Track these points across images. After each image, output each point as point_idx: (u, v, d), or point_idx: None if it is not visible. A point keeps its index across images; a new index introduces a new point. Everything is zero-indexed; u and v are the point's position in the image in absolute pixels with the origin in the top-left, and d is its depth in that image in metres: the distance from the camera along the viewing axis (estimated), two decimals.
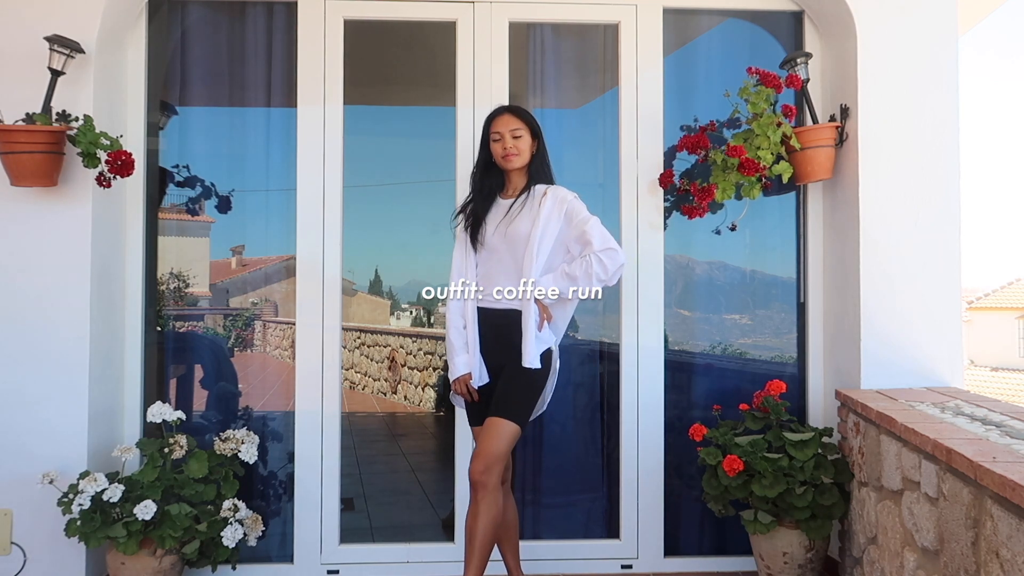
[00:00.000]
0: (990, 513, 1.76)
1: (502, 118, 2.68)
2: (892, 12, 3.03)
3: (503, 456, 2.51)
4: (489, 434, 2.52)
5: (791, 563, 2.85)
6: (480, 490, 2.48)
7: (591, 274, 2.53)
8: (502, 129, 2.66)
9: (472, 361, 2.65)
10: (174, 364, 3.39)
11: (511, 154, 2.65)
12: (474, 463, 2.50)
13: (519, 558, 2.80)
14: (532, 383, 2.60)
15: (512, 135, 2.65)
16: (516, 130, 2.65)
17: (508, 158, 2.66)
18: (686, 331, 3.48)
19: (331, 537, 3.19)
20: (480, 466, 2.48)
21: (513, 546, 2.79)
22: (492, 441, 2.50)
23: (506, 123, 2.66)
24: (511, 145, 2.64)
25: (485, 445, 2.51)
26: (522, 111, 2.71)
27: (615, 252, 2.55)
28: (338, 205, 3.22)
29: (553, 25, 3.39)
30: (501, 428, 2.51)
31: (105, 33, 2.99)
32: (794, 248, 3.39)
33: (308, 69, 3.21)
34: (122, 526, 2.68)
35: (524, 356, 2.56)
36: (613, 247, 2.55)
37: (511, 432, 2.52)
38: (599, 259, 2.53)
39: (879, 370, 2.96)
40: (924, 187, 3.00)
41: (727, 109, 3.06)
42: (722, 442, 2.93)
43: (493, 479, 2.48)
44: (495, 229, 2.66)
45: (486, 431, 2.54)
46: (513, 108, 2.74)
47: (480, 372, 2.66)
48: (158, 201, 3.30)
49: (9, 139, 2.69)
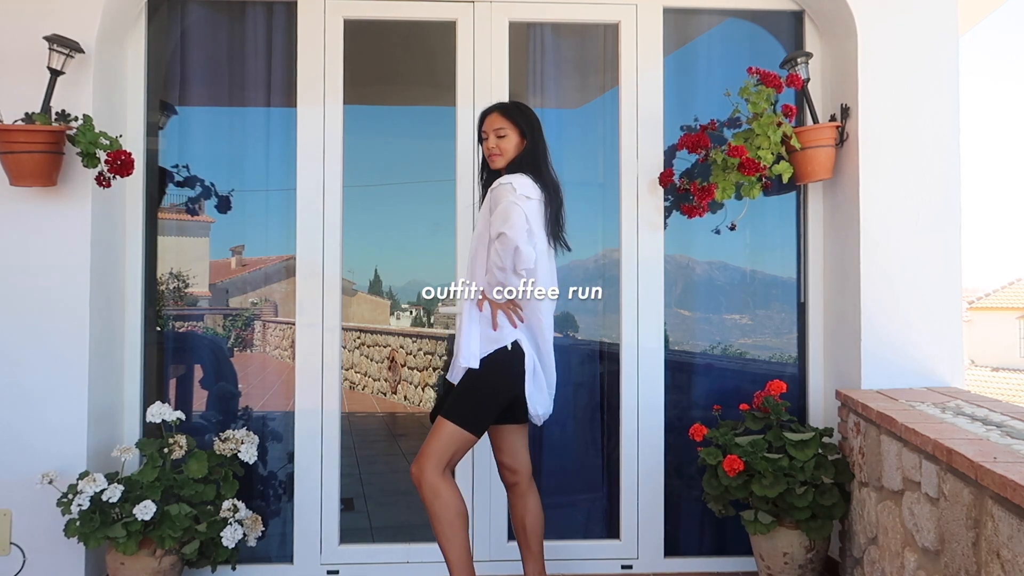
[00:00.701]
0: (991, 513, 1.76)
1: (489, 117, 2.67)
2: (892, 12, 3.02)
3: (430, 453, 2.49)
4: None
5: (791, 563, 2.85)
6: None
7: (491, 267, 2.49)
8: (487, 128, 2.66)
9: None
10: (174, 364, 3.39)
11: (493, 154, 2.65)
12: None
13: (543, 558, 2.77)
14: (471, 383, 2.55)
15: (496, 134, 2.63)
16: (500, 129, 2.63)
17: (491, 158, 2.66)
18: (686, 331, 3.47)
19: (331, 537, 3.19)
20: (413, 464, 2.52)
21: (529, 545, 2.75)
22: (428, 439, 2.52)
23: (491, 123, 2.66)
24: (494, 145, 2.64)
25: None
26: (511, 109, 2.69)
27: (504, 236, 2.41)
28: (338, 205, 3.22)
29: (553, 25, 3.38)
30: (437, 426, 2.53)
31: (105, 33, 2.98)
32: (794, 248, 3.39)
33: (308, 69, 3.21)
34: (121, 526, 2.68)
35: (458, 354, 2.55)
36: (504, 231, 2.41)
37: (446, 431, 2.50)
38: (495, 248, 2.47)
39: (879, 370, 2.96)
40: (924, 187, 3.00)
41: (727, 109, 3.06)
42: (722, 442, 2.93)
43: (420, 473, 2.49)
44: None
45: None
46: (502, 106, 2.72)
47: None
48: (158, 201, 3.30)
49: (8, 139, 2.69)
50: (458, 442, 2.51)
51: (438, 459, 2.49)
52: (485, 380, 2.54)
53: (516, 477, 2.71)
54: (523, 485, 2.71)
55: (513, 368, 2.56)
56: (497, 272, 2.47)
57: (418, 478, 2.49)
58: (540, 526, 2.72)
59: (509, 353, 2.56)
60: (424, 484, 2.48)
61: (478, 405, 2.54)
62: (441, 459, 2.49)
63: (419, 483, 2.49)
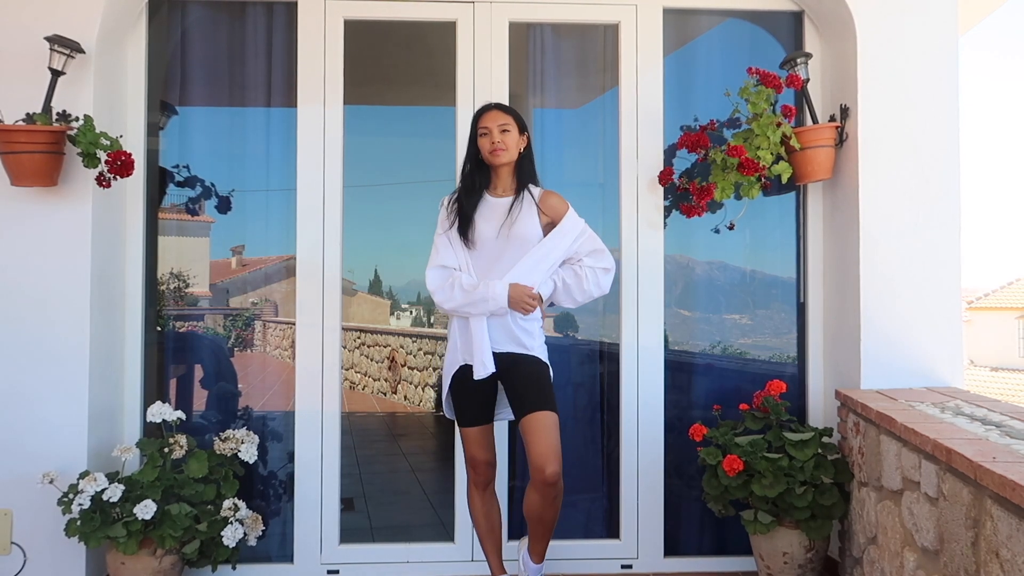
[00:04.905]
0: (990, 513, 1.76)
1: (490, 113, 2.65)
2: (892, 12, 3.03)
3: (558, 449, 2.54)
4: (541, 431, 2.52)
5: (791, 563, 2.85)
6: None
7: (585, 288, 2.65)
8: (490, 124, 2.62)
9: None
10: (174, 364, 3.39)
11: (499, 149, 2.61)
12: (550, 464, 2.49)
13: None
14: (544, 374, 2.64)
15: (500, 129, 2.61)
16: (504, 124, 2.62)
17: (496, 153, 2.61)
18: (686, 331, 3.48)
19: (331, 537, 3.20)
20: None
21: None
22: (548, 437, 2.53)
23: (494, 118, 2.63)
24: (498, 140, 2.60)
25: (546, 443, 2.51)
26: (508, 108, 2.70)
27: (609, 273, 2.69)
28: (338, 205, 3.22)
29: (553, 25, 3.39)
30: (547, 421, 2.53)
31: (105, 33, 2.99)
32: (794, 248, 3.39)
33: (308, 69, 3.21)
34: (122, 526, 2.68)
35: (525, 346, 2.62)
36: (609, 268, 2.69)
37: (554, 421, 2.55)
38: (595, 274, 2.67)
39: (879, 370, 2.96)
40: (924, 187, 3.00)
41: (727, 109, 3.06)
42: (722, 442, 2.93)
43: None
44: (497, 230, 2.62)
45: (536, 429, 2.52)
46: (500, 104, 2.72)
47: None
48: (158, 201, 3.30)
49: (9, 139, 2.69)
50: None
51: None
52: (547, 372, 2.64)
53: (493, 472, 2.77)
54: (493, 482, 2.80)
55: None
56: (584, 296, 2.66)
57: (558, 477, 2.50)
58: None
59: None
60: (560, 482, 2.51)
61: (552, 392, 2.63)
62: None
63: (557, 482, 2.50)
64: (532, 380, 2.58)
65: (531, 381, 2.58)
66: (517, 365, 2.60)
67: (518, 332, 2.61)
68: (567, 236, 2.65)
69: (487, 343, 2.58)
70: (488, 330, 2.59)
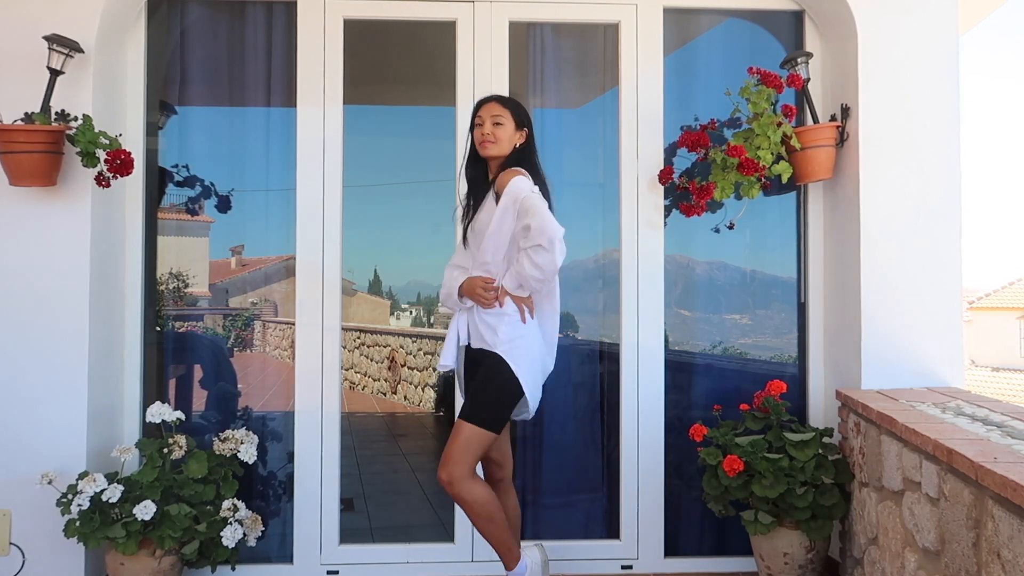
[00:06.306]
0: (991, 514, 1.75)
1: (487, 105, 2.60)
2: (893, 11, 3.02)
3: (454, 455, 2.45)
4: (451, 438, 2.49)
5: (791, 563, 2.85)
6: None
7: (523, 274, 2.43)
8: (484, 115, 2.57)
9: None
10: (174, 364, 3.39)
11: (487, 140, 2.54)
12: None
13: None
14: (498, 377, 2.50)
15: (492, 121, 2.54)
16: (498, 117, 2.55)
17: (484, 144, 2.55)
18: (686, 331, 3.47)
19: (331, 537, 3.19)
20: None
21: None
22: (453, 443, 2.47)
23: (489, 110, 2.57)
24: (489, 131, 2.54)
25: (449, 449, 2.48)
26: (509, 100, 2.64)
27: (541, 249, 2.36)
28: (338, 205, 3.21)
29: (553, 25, 3.38)
30: (461, 429, 2.46)
31: (104, 32, 2.98)
32: (794, 248, 3.38)
33: (308, 69, 3.21)
34: (121, 526, 2.68)
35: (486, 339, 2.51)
36: (541, 243, 2.35)
37: (467, 432, 2.46)
38: (527, 256, 2.40)
39: (880, 370, 2.96)
40: (924, 187, 2.99)
41: (727, 109, 3.05)
42: (722, 442, 2.92)
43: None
44: (470, 224, 2.59)
45: (451, 436, 2.50)
46: (500, 96, 2.67)
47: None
48: (157, 201, 3.30)
49: (8, 139, 2.69)
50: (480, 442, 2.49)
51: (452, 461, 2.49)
52: (499, 375, 2.49)
53: (503, 472, 2.72)
54: (507, 480, 2.74)
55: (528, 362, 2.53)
56: (531, 280, 2.43)
57: (447, 481, 2.46)
58: (519, 521, 2.77)
59: (526, 347, 2.52)
60: (454, 487, 2.46)
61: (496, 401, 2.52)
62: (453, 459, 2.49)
63: (449, 485, 2.46)
64: (478, 386, 2.52)
65: (477, 387, 2.52)
66: (477, 364, 2.56)
67: (480, 326, 2.52)
68: (507, 212, 2.44)
69: (452, 338, 2.60)
70: (466, 325, 2.59)
